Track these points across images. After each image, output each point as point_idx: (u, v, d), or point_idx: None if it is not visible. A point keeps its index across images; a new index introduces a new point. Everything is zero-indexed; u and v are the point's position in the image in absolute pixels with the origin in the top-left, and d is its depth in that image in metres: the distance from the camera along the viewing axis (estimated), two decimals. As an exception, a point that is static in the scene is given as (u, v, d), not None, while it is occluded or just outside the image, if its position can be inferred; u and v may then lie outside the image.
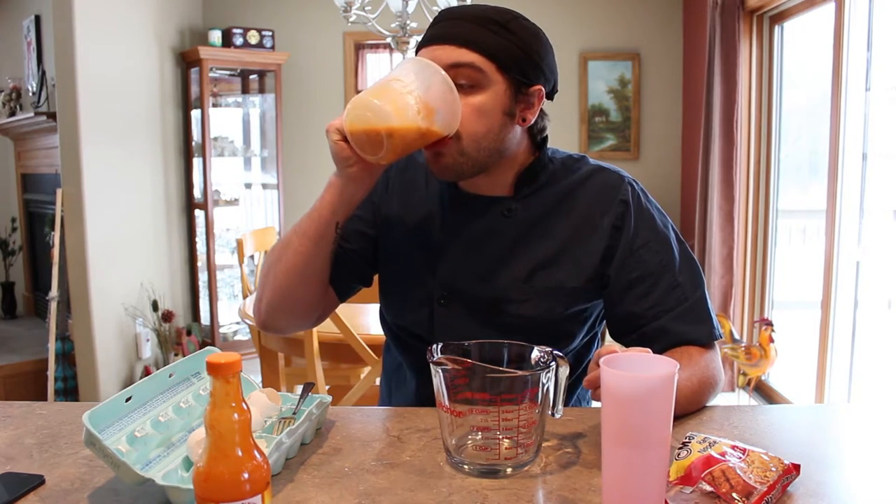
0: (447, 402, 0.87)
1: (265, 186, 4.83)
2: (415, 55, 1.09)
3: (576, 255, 1.13)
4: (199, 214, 4.52)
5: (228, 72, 4.67)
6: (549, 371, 0.87)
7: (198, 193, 4.52)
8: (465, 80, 1.03)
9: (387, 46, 4.72)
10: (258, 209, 4.86)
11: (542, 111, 1.14)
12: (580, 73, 4.74)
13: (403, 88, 0.99)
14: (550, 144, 1.18)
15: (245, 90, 4.81)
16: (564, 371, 0.89)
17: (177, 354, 4.08)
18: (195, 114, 4.42)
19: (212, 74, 4.45)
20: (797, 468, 0.80)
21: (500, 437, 0.86)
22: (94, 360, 3.45)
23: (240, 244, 3.26)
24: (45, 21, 4.28)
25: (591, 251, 1.13)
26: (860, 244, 3.03)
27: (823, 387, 3.11)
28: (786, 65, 3.70)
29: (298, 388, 1.08)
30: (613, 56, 4.75)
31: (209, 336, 4.51)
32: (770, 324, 3.35)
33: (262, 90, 4.78)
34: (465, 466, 0.88)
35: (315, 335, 2.11)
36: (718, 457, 0.77)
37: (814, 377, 3.16)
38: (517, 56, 1.05)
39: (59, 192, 3.42)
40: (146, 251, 4.01)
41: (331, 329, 2.07)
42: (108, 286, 3.54)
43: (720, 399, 1.11)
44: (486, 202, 1.16)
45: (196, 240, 4.58)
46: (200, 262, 4.58)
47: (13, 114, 4.58)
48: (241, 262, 3.29)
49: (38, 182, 4.57)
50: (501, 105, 1.06)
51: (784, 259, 3.89)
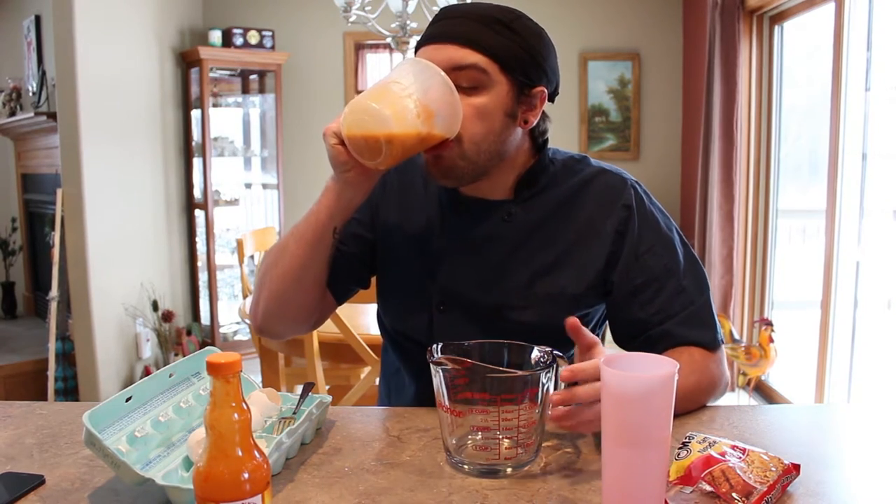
0: (447, 402, 0.87)
1: (265, 186, 4.83)
2: (414, 54, 1.07)
3: (578, 261, 1.11)
4: (200, 214, 4.52)
5: (228, 72, 4.67)
6: (550, 371, 0.87)
7: (198, 193, 4.52)
8: (467, 82, 1.01)
9: (387, 46, 4.72)
10: (258, 209, 4.86)
11: (544, 113, 1.12)
12: (580, 73, 4.74)
13: (402, 91, 0.96)
14: (550, 144, 1.17)
15: (245, 90, 4.81)
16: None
17: (177, 354, 4.08)
18: (195, 114, 4.42)
19: (212, 74, 4.45)
20: (797, 468, 0.80)
21: (500, 437, 0.86)
22: (94, 360, 3.45)
23: (240, 244, 3.27)
24: (45, 21, 4.28)
25: (594, 257, 1.11)
26: (860, 244, 3.03)
27: (823, 387, 3.11)
28: (786, 65, 3.70)
29: (298, 388, 1.08)
30: (613, 56, 4.75)
31: (209, 336, 4.51)
32: (770, 324, 3.35)
33: (262, 90, 4.78)
34: (466, 466, 0.88)
35: (315, 335, 2.11)
36: (718, 457, 0.78)
37: (814, 377, 3.16)
38: (520, 57, 1.03)
39: (59, 192, 3.42)
40: (146, 251, 4.01)
41: (331, 329, 2.07)
42: (108, 286, 3.54)
43: (720, 399, 1.10)
44: (486, 206, 1.13)
45: (196, 240, 4.58)
46: (200, 262, 4.58)
47: (13, 114, 4.58)
48: (241, 262, 3.29)
49: (39, 182, 4.56)
50: (503, 106, 1.04)
51: (784, 259, 3.89)
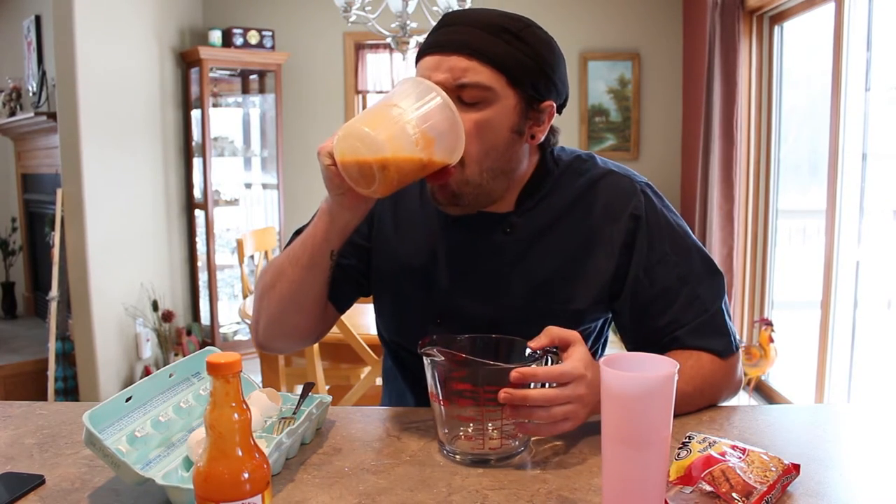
0: (438, 394, 0.89)
1: (265, 186, 4.83)
2: (415, 62, 1.01)
3: (583, 274, 1.06)
4: (199, 214, 4.52)
5: (228, 72, 4.67)
6: (538, 364, 0.88)
7: (198, 193, 4.52)
8: (471, 98, 0.95)
9: (387, 46, 4.72)
10: (258, 209, 4.86)
11: (553, 126, 1.06)
12: (580, 73, 4.74)
13: (400, 116, 0.89)
14: None
15: (245, 90, 4.81)
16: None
17: (177, 354, 4.08)
18: (195, 114, 4.42)
19: (212, 74, 4.45)
20: (797, 468, 0.80)
21: (489, 429, 0.88)
22: (94, 360, 3.45)
23: (240, 244, 3.27)
24: (45, 21, 4.28)
25: (600, 271, 1.06)
26: (860, 244, 3.03)
27: (823, 387, 3.11)
28: (786, 65, 3.70)
29: (298, 388, 1.08)
30: (613, 56, 4.75)
31: (209, 336, 4.51)
32: (770, 324, 3.35)
33: (262, 90, 4.78)
34: (457, 456, 0.90)
35: (315, 335, 2.10)
36: (718, 457, 0.78)
37: (814, 377, 3.16)
38: (529, 69, 0.97)
39: (59, 192, 3.42)
40: (146, 251, 4.01)
41: (331, 329, 2.06)
42: (108, 286, 3.54)
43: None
44: (486, 218, 1.08)
45: (196, 240, 4.58)
46: (200, 262, 4.58)
47: (13, 114, 4.58)
48: (241, 262, 3.30)
49: (39, 182, 4.56)
50: (509, 122, 0.98)
51: (784, 259, 3.89)
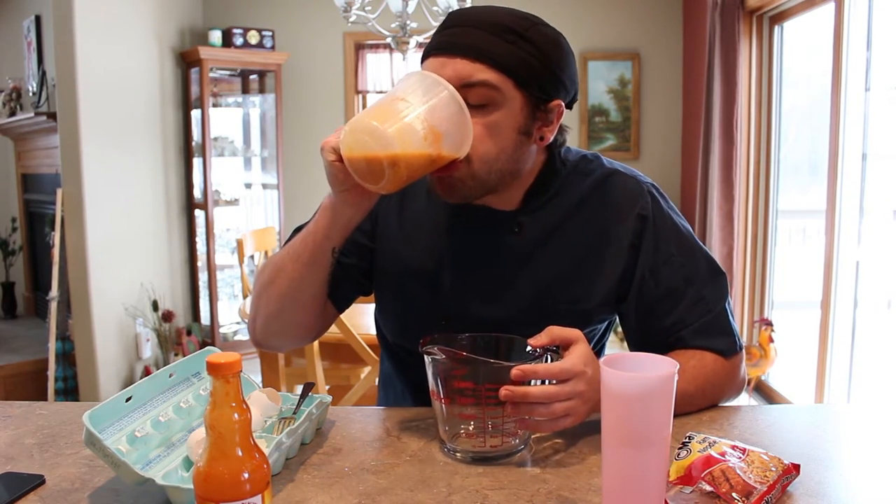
0: (439, 392, 0.89)
1: (265, 186, 4.83)
2: (420, 63, 0.99)
3: (590, 275, 1.06)
4: (199, 214, 4.52)
5: (228, 72, 4.67)
6: (539, 362, 0.88)
7: (198, 193, 4.52)
8: (477, 100, 0.93)
9: (387, 46, 4.72)
10: (258, 209, 4.86)
11: (562, 125, 1.04)
12: (580, 74, 4.73)
13: (407, 109, 0.88)
14: None
15: (245, 90, 4.81)
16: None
17: (177, 354, 4.08)
18: (195, 114, 4.42)
19: (212, 74, 4.45)
20: (797, 468, 0.80)
21: (489, 427, 0.88)
22: (94, 360, 3.45)
23: (240, 244, 3.27)
24: (45, 21, 4.28)
25: (607, 271, 1.06)
26: (860, 244, 3.03)
27: (823, 387, 3.11)
28: (786, 65, 3.70)
29: (298, 388, 1.08)
30: (613, 56, 4.75)
31: (209, 336, 4.51)
32: (770, 324, 3.35)
33: (262, 90, 4.78)
34: (458, 454, 0.90)
35: (315, 335, 2.11)
36: (718, 457, 0.78)
37: (814, 377, 3.16)
38: (536, 70, 0.95)
39: (59, 192, 3.42)
40: (146, 251, 4.01)
41: (331, 329, 2.05)
42: (108, 286, 3.54)
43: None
44: (493, 216, 1.07)
45: (196, 240, 4.58)
46: (200, 262, 4.58)
47: (13, 114, 4.58)
48: (241, 262, 3.30)
49: (39, 182, 4.57)
50: (516, 124, 0.96)
51: (784, 259, 3.89)
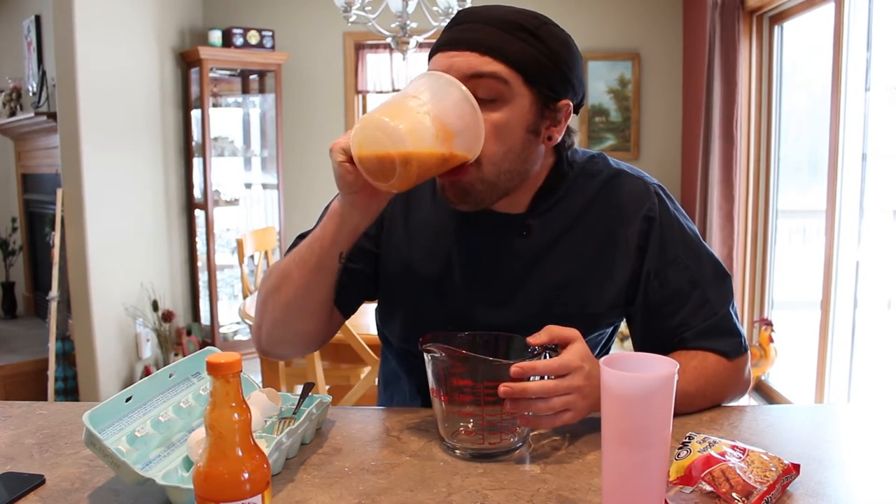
0: (438, 390, 0.90)
1: (265, 186, 4.82)
2: (428, 60, 0.99)
3: (598, 277, 1.06)
4: (200, 214, 4.52)
5: (228, 72, 4.67)
6: (538, 360, 0.89)
7: (198, 193, 4.52)
8: (486, 94, 0.92)
9: (387, 46, 4.72)
10: (258, 209, 4.86)
11: (569, 127, 1.03)
12: (580, 73, 4.73)
13: (420, 108, 0.87)
14: None
15: (245, 90, 4.81)
16: None
17: (177, 354, 4.08)
18: (195, 114, 4.42)
19: (212, 74, 4.45)
20: (797, 468, 0.80)
21: (488, 423, 0.89)
22: (94, 360, 3.45)
23: (240, 244, 3.27)
24: (45, 21, 4.28)
25: (616, 274, 1.06)
26: (860, 244, 3.03)
27: (823, 387, 3.11)
28: (786, 65, 3.70)
29: (298, 388, 1.08)
30: (613, 56, 4.75)
31: (209, 336, 4.51)
32: (770, 324, 3.35)
33: (262, 90, 4.78)
34: (457, 451, 0.91)
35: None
36: (718, 457, 0.78)
37: (814, 377, 3.16)
38: (546, 67, 0.94)
39: (59, 192, 3.42)
40: (146, 251, 4.01)
41: (335, 335, 2.06)
42: (108, 286, 3.54)
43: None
44: (501, 220, 1.06)
45: (196, 240, 4.58)
46: (200, 262, 4.58)
47: (13, 114, 4.58)
48: (242, 262, 3.30)
49: (39, 182, 4.57)
50: (525, 122, 0.96)
51: (784, 259, 3.89)
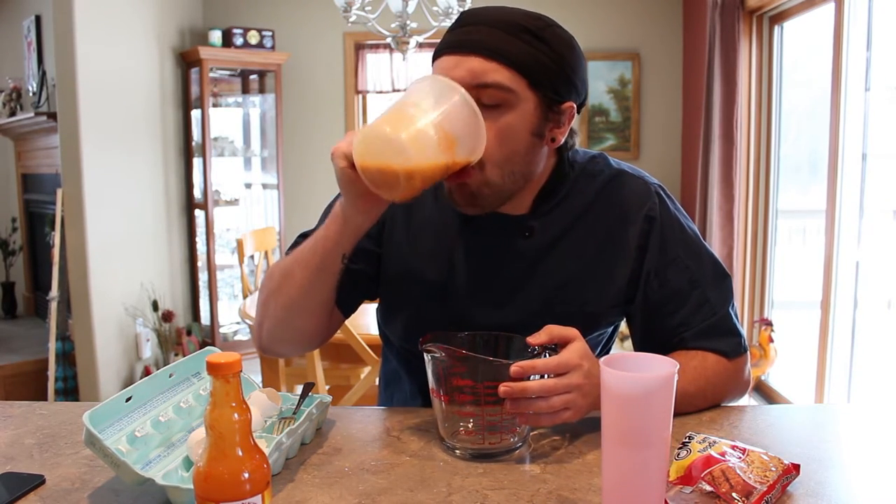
0: (438, 389, 0.90)
1: (265, 186, 4.82)
2: (432, 61, 0.98)
3: (599, 277, 1.06)
4: (200, 214, 4.52)
5: (228, 72, 4.66)
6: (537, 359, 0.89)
7: (198, 193, 4.52)
8: (491, 100, 0.92)
9: (387, 46, 4.72)
10: (258, 209, 4.86)
11: (571, 128, 1.04)
12: (580, 73, 4.73)
13: (422, 116, 0.86)
14: None
15: (245, 90, 4.81)
16: None
17: (177, 354, 4.08)
18: (195, 114, 4.42)
19: (212, 74, 4.45)
20: (797, 468, 0.80)
21: (488, 423, 0.89)
22: (94, 360, 3.45)
23: (240, 244, 3.27)
24: (45, 21, 4.28)
25: (616, 273, 1.06)
26: (860, 244, 3.03)
27: (823, 387, 3.11)
28: (786, 65, 3.70)
29: (298, 388, 1.08)
30: (613, 56, 4.75)
31: (209, 336, 4.51)
32: (770, 324, 3.35)
33: (262, 90, 4.78)
34: (457, 451, 0.91)
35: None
36: (718, 457, 0.78)
37: (814, 377, 3.16)
38: (550, 70, 0.94)
39: (59, 192, 3.42)
40: (146, 251, 4.01)
41: (335, 334, 2.06)
42: (108, 286, 3.54)
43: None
44: (503, 220, 1.06)
45: (196, 240, 4.58)
46: (200, 262, 4.58)
47: (13, 114, 4.58)
48: (242, 262, 3.30)
49: (39, 182, 4.56)
50: (529, 125, 0.95)
51: (784, 259, 3.89)
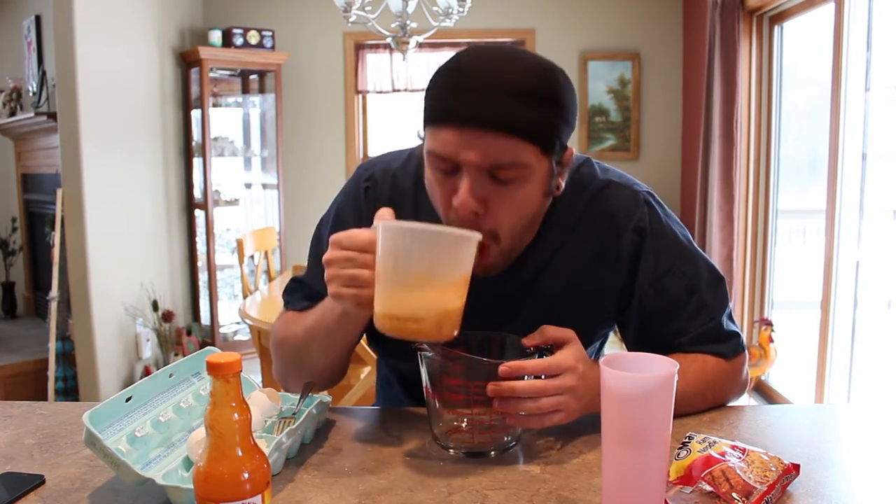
0: (432, 389, 0.91)
1: (265, 186, 4.82)
2: (433, 125, 0.90)
3: (590, 291, 1.04)
4: (200, 214, 4.52)
5: (228, 72, 4.67)
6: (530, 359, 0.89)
7: (198, 193, 4.52)
8: (506, 177, 0.88)
9: (387, 46, 4.72)
10: (258, 209, 4.86)
11: None
12: (580, 74, 4.73)
13: (437, 288, 0.83)
14: None
15: (245, 90, 4.81)
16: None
17: (177, 354, 4.08)
18: (195, 114, 4.42)
19: (212, 74, 4.45)
20: (797, 468, 0.80)
21: (481, 422, 0.89)
22: (94, 360, 3.45)
23: (240, 244, 3.27)
24: (45, 21, 4.28)
25: (608, 286, 1.04)
26: (860, 244, 3.03)
27: (823, 387, 3.11)
28: (786, 65, 3.70)
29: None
30: (613, 56, 4.75)
31: (209, 336, 4.51)
32: (770, 324, 3.35)
33: (262, 90, 4.78)
34: (451, 450, 0.91)
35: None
36: (718, 457, 0.78)
37: (814, 377, 3.16)
38: (558, 129, 0.90)
39: (60, 192, 3.42)
40: (146, 251, 4.01)
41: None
42: (108, 286, 3.54)
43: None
44: None
45: (196, 240, 4.58)
46: (200, 262, 4.58)
47: (13, 114, 4.58)
48: (242, 262, 3.30)
49: (39, 182, 4.56)
50: (542, 188, 0.93)
51: (784, 259, 3.89)
